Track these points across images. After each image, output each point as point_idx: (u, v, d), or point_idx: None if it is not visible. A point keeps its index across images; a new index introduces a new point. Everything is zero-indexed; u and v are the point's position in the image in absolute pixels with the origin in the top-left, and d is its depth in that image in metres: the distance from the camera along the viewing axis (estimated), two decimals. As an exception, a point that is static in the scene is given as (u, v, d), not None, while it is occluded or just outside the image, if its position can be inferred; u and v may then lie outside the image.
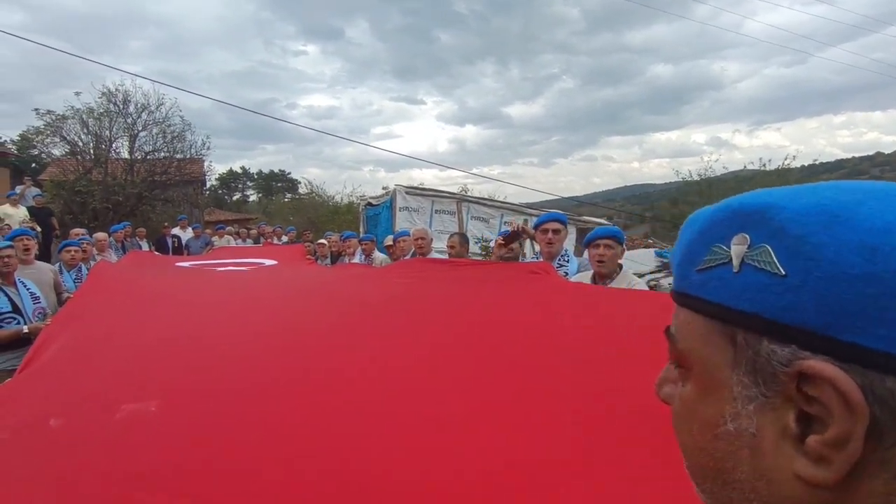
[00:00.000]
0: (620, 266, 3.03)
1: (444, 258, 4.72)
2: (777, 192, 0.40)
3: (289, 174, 53.55)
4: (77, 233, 7.22)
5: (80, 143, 15.39)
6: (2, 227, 8.62)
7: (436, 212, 10.88)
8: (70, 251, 5.35)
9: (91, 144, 15.42)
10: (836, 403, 0.33)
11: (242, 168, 54.75)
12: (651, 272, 8.14)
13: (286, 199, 36.14)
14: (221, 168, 50.82)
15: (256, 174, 54.52)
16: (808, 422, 0.35)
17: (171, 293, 2.97)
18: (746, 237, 0.39)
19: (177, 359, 1.87)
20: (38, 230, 9.34)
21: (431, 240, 5.32)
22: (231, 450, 1.27)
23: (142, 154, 15.87)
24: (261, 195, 48.71)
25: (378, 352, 1.86)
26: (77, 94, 15.04)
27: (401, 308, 2.42)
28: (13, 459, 1.23)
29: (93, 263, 5.57)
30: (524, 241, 3.80)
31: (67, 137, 15.26)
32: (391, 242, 6.13)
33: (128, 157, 15.73)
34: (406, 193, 10.76)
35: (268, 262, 4.82)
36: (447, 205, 11.02)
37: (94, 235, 7.44)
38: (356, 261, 6.49)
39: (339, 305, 2.61)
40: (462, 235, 5.01)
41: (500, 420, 1.37)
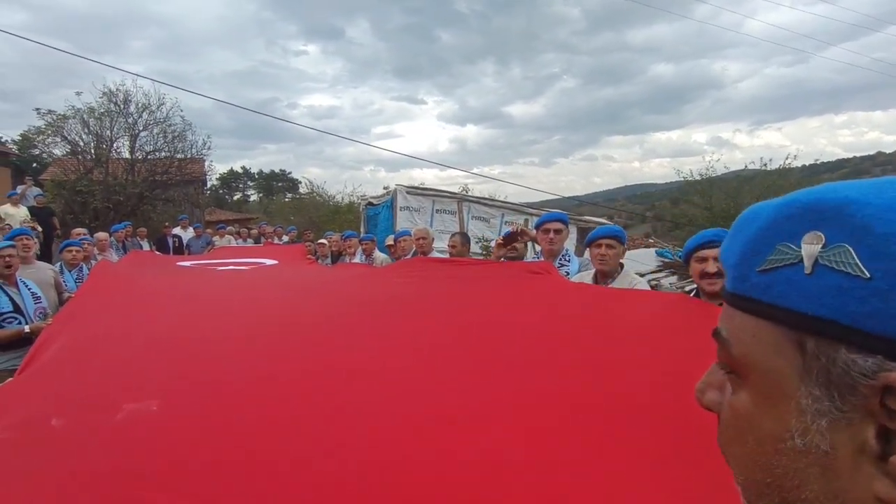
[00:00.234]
0: (622, 265, 3.02)
1: (446, 258, 4.71)
2: (855, 187, 0.37)
3: (289, 174, 53.69)
4: (78, 232, 7.23)
5: (81, 143, 15.43)
6: (3, 227, 8.64)
7: (437, 211, 10.88)
8: (71, 251, 5.35)
9: (92, 144, 15.44)
10: None
11: (243, 168, 54.93)
12: (652, 272, 8.14)
13: (287, 199, 36.16)
14: (222, 168, 50.97)
15: (257, 174, 54.64)
16: (889, 438, 0.33)
17: (172, 293, 2.97)
18: (821, 235, 0.35)
19: (178, 358, 1.87)
20: (40, 230, 9.35)
21: (433, 239, 5.32)
22: (233, 449, 1.26)
23: (143, 154, 15.89)
24: (261, 195, 48.76)
25: (379, 351, 1.86)
26: (78, 94, 15.09)
27: (402, 307, 2.42)
28: (15, 459, 1.23)
29: (94, 263, 5.57)
30: (527, 242, 3.78)
31: (68, 137, 15.30)
32: (392, 242, 6.13)
33: (129, 157, 15.75)
34: (407, 193, 10.76)
35: (269, 262, 4.82)
36: (448, 204, 11.02)
37: (95, 235, 7.44)
38: (357, 260, 6.48)
39: (341, 305, 2.61)
40: (463, 235, 5.01)
41: (502, 419, 1.37)
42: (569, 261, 3.51)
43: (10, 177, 20.19)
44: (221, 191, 46.97)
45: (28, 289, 3.84)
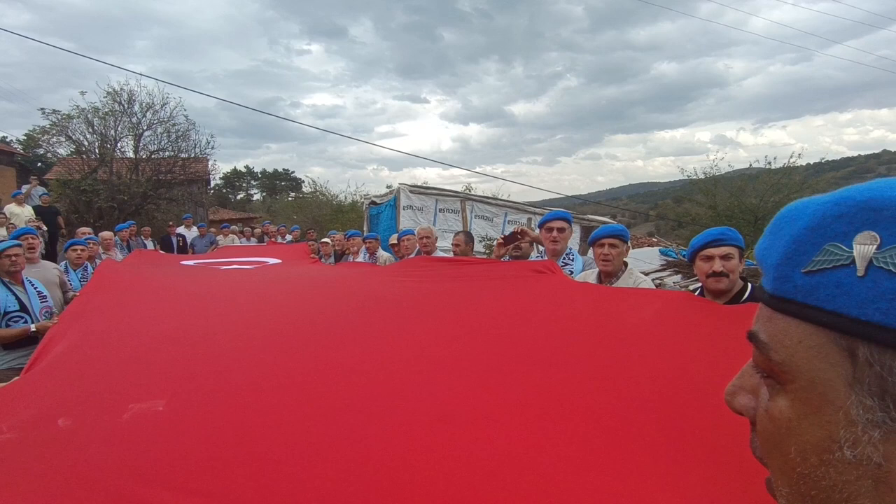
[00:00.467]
0: (626, 264, 3.02)
1: (450, 256, 4.71)
2: None
3: (292, 173, 53.75)
4: (83, 232, 7.25)
5: (86, 143, 15.49)
6: (8, 226, 8.69)
7: (440, 210, 10.88)
8: (76, 250, 5.37)
9: (96, 144, 15.51)
10: None
11: (246, 167, 54.97)
12: (655, 271, 8.12)
13: (290, 198, 36.19)
14: (226, 167, 51.13)
15: (260, 173, 54.70)
16: None
17: (177, 292, 2.98)
18: (875, 236, 0.33)
19: (183, 357, 1.87)
20: (45, 229, 9.41)
21: (436, 238, 5.32)
22: (239, 448, 1.27)
23: (146, 153, 15.95)
24: (265, 194, 48.80)
25: (383, 350, 1.86)
26: (83, 94, 15.16)
27: (406, 306, 2.42)
28: (21, 459, 1.23)
29: (98, 262, 5.59)
30: (528, 242, 3.77)
31: (73, 137, 15.37)
32: (396, 241, 6.14)
33: (133, 157, 15.82)
34: (410, 192, 10.76)
35: (272, 261, 4.83)
36: (451, 203, 11.02)
37: (100, 234, 7.46)
38: (360, 259, 6.49)
39: (344, 304, 2.61)
40: (467, 234, 5.00)
41: (506, 418, 1.37)
42: (572, 259, 3.51)
43: (16, 176, 20.34)
44: (225, 190, 47.08)
45: (34, 288, 3.85)
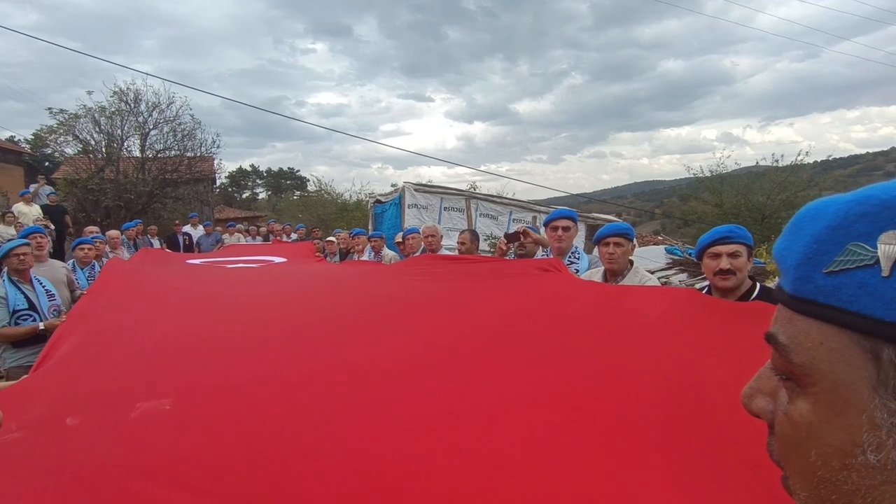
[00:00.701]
0: (631, 262, 3.01)
1: (455, 255, 4.71)
2: None
3: (298, 172, 53.76)
4: (91, 230, 7.29)
5: (93, 142, 15.57)
6: (17, 225, 8.75)
7: (444, 209, 10.88)
8: (83, 249, 5.40)
9: (103, 143, 15.59)
10: None
11: (252, 166, 54.98)
12: (661, 269, 8.09)
13: (295, 197, 36.27)
14: (231, 166, 51.20)
15: (266, 172, 54.74)
16: None
17: (184, 290, 2.99)
18: None
19: (190, 356, 1.88)
20: (52, 228, 9.47)
21: (441, 237, 5.32)
22: (245, 446, 1.27)
23: (153, 152, 16.02)
24: (270, 193, 48.90)
25: (389, 348, 1.86)
26: (89, 94, 15.22)
27: (411, 304, 2.42)
28: (30, 457, 1.24)
29: (105, 261, 5.62)
30: (529, 243, 3.75)
31: (80, 136, 15.45)
32: (401, 239, 6.14)
33: (139, 156, 15.89)
34: (415, 191, 10.76)
35: (277, 260, 4.85)
36: (456, 202, 11.01)
37: (107, 233, 7.50)
38: (365, 258, 6.50)
39: (349, 302, 2.62)
40: (473, 232, 5.00)
41: (511, 417, 1.37)
42: (578, 258, 3.50)
43: (24, 175, 20.50)
44: (230, 189, 47.19)
45: (42, 286, 3.88)
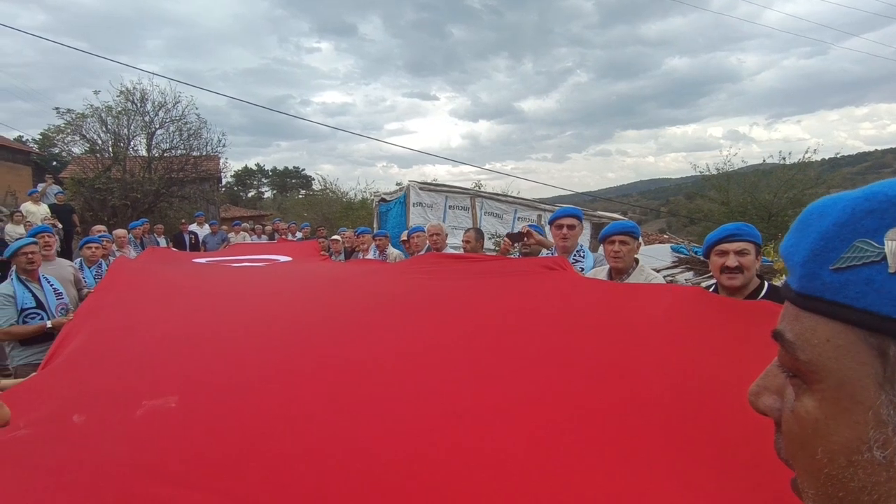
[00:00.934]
0: (637, 261, 2.99)
1: (460, 253, 4.71)
2: None
3: (303, 171, 53.83)
4: (98, 229, 7.34)
5: (100, 142, 15.67)
6: (25, 224, 8.83)
7: (449, 207, 10.87)
8: (91, 247, 5.43)
9: (110, 142, 15.69)
10: None
11: (257, 165, 55.11)
12: (667, 267, 8.06)
13: (300, 196, 36.32)
14: (237, 165, 51.30)
15: (271, 171, 54.84)
16: None
17: (190, 289, 3.01)
18: None
19: (195, 354, 1.89)
20: (60, 227, 9.54)
21: (446, 235, 5.32)
22: (250, 445, 1.28)
23: (159, 151, 16.10)
24: (275, 192, 48.98)
25: (393, 346, 1.86)
26: (96, 93, 15.31)
27: (416, 303, 2.42)
28: (36, 455, 1.25)
29: (112, 259, 5.66)
30: (532, 244, 3.75)
31: (87, 136, 15.55)
32: (406, 238, 6.14)
33: (145, 155, 15.97)
34: (420, 189, 10.76)
35: (282, 259, 4.86)
36: (461, 200, 11.00)
37: (114, 232, 7.53)
38: (370, 257, 6.51)
39: (354, 301, 2.62)
40: (477, 231, 4.99)
41: (515, 415, 1.36)
42: (583, 256, 3.49)
43: (32, 175, 20.65)
44: (236, 188, 47.33)
45: (50, 285, 3.91)
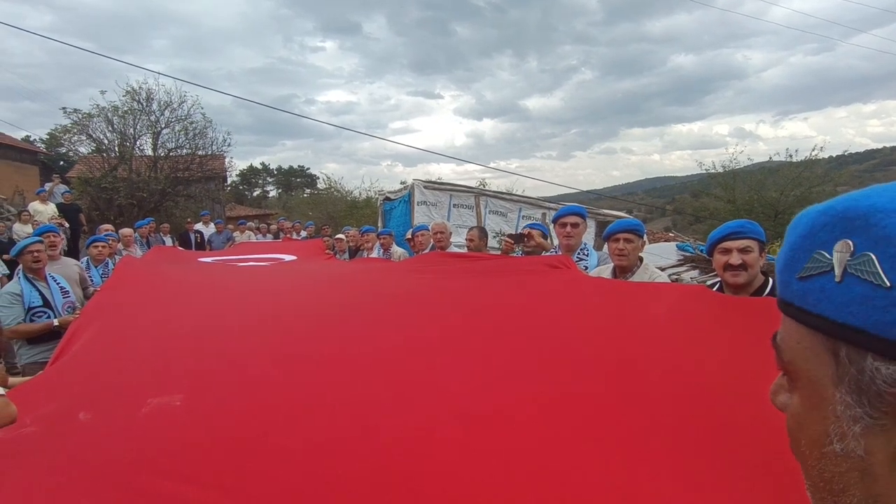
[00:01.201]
0: (641, 259, 2.98)
1: (463, 252, 4.71)
2: (886, 194, 0.36)
3: (308, 170, 53.94)
4: (104, 229, 7.39)
5: (106, 141, 15.75)
6: (33, 223, 8.89)
7: (454, 206, 10.85)
8: (97, 246, 5.47)
9: (116, 142, 15.76)
10: None
11: (262, 164, 55.24)
12: (672, 266, 8.02)
13: (305, 195, 36.40)
14: (242, 164, 51.43)
15: (276, 170, 54.98)
16: None
17: (195, 288, 3.02)
18: (850, 244, 0.36)
19: (200, 352, 1.90)
20: (67, 226, 9.61)
21: (450, 234, 5.32)
22: (254, 442, 1.28)
23: (165, 151, 16.16)
24: (280, 191, 49.12)
25: (397, 346, 1.86)
26: (102, 93, 15.38)
27: (419, 302, 2.42)
28: (42, 451, 1.26)
29: (118, 258, 5.69)
30: (533, 246, 3.73)
31: (94, 135, 15.62)
32: (410, 236, 6.15)
33: (151, 154, 16.04)
34: (424, 188, 10.75)
35: (287, 258, 4.87)
36: (465, 199, 10.98)
37: (120, 231, 7.58)
38: (374, 255, 6.52)
39: (358, 300, 2.62)
40: (481, 229, 4.99)
41: (519, 414, 1.36)
42: (587, 255, 3.48)
43: (39, 174, 20.80)
44: (241, 187, 47.46)
45: (56, 283, 3.94)
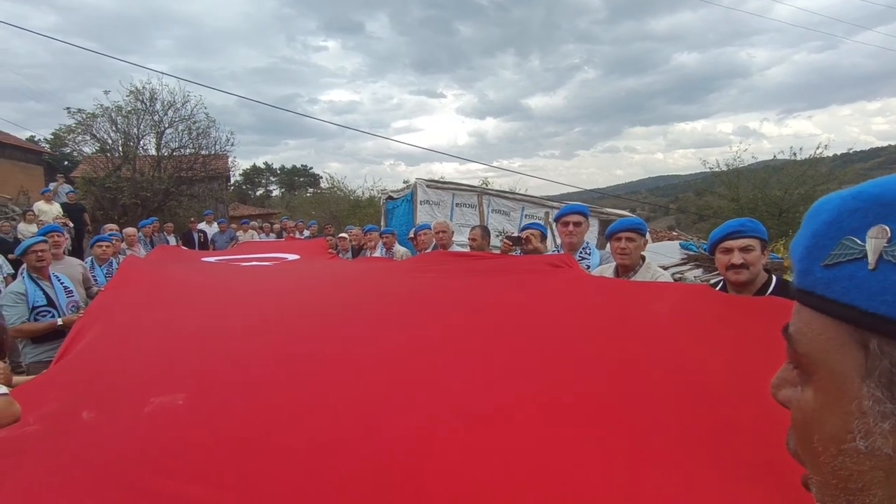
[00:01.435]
0: (643, 258, 2.97)
1: (466, 251, 4.70)
2: None
3: (311, 169, 54.01)
4: (108, 228, 7.41)
5: (110, 141, 15.83)
6: (38, 223, 8.93)
7: (456, 205, 10.85)
8: (101, 246, 5.48)
9: (120, 142, 15.84)
10: None
11: (265, 163, 55.31)
12: (676, 265, 8.00)
13: (308, 194, 36.47)
14: (245, 164, 51.60)
15: (279, 169, 55.03)
16: None
17: (198, 288, 3.03)
18: (886, 229, 0.34)
19: (203, 352, 1.90)
20: (71, 226, 9.65)
21: (453, 233, 5.31)
22: (257, 442, 1.28)
23: (168, 151, 16.23)
24: (283, 190, 49.21)
25: (400, 345, 1.86)
26: (106, 93, 15.45)
27: (422, 301, 2.42)
28: (47, 450, 1.27)
29: (122, 258, 5.71)
30: (532, 249, 3.69)
31: (97, 135, 15.72)
32: (413, 235, 6.15)
33: (155, 154, 16.10)
34: (427, 187, 10.76)
35: (290, 257, 4.88)
36: (468, 198, 10.98)
37: (124, 231, 7.61)
38: (377, 254, 6.52)
39: (361, 299, 2.63)
40: (484, 228, 4.99)
41: (521, 414, 1.36)
42: (590, 254, 3.47)
43: (43, 174, 20.90)
44: (244, 186, 47.55)
45: (60, 283, 3.96)
